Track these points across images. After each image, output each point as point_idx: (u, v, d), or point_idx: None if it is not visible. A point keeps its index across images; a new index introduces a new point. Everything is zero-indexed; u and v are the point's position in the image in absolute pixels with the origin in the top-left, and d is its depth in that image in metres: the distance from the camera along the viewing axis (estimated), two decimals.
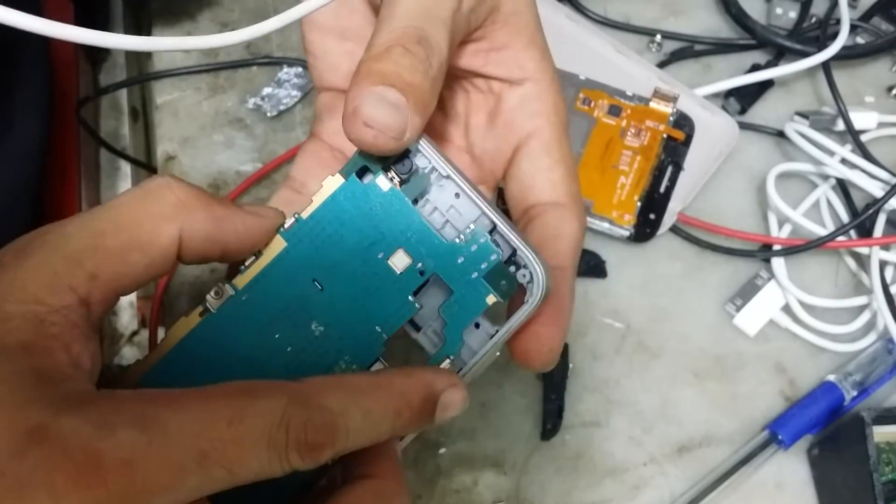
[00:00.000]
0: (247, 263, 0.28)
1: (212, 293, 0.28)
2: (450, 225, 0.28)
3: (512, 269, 0.27)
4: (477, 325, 0.28)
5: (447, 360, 0.28)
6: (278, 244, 0.28)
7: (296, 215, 0.28)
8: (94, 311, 0.25)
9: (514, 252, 0.27)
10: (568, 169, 0.32)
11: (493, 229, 0.27)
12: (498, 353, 0.28)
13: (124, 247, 0.25)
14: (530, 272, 0.27)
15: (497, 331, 0.28)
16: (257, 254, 0.28)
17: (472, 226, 0.27)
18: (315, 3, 0.28)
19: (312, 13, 0.28)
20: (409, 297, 0.28)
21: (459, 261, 0.27)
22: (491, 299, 0.27)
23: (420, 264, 0.27)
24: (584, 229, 0.32)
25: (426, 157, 0.28)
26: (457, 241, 0.27)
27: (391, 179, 0.28)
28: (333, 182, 0.28)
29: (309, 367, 0.28)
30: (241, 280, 0.28)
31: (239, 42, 0.27)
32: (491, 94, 0.33)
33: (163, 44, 0.26)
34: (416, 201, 0.28)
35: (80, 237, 0.25)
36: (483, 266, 0.27)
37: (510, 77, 0.33)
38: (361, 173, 0.28)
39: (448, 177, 0.27)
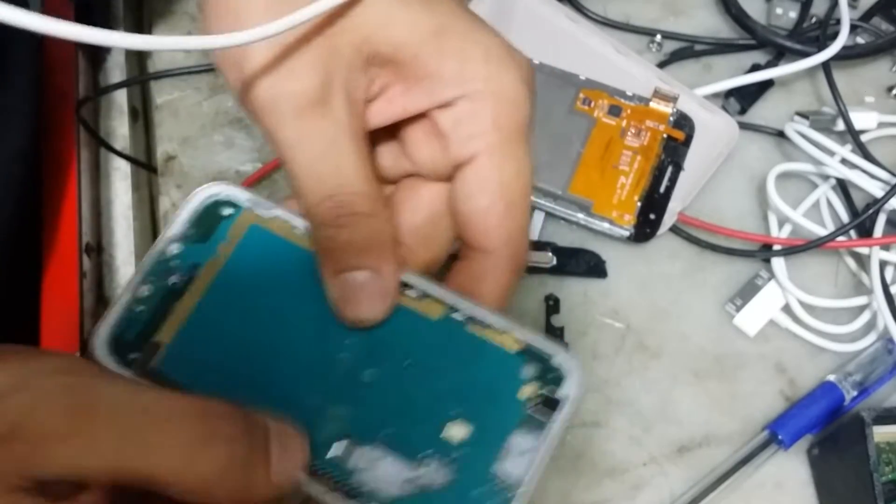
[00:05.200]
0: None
1: None
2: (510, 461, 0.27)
3: None
4: None
5: None
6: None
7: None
8: None
9: None
10: (507, 204, 0.29)
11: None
12: None
13: None
14: None
15: None
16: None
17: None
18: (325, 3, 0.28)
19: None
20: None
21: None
22: None
23: (468, 449, 0.27)
24: (518, 273, 0.30)
25: (564, 414, 0.27)
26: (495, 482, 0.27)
27: (537, 400, 0.27)
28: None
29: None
30: None
31: (242, 43, 0.27)
32: (427, 120, 0.30)
33: (162, 43, 0.26)
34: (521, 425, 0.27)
35: None
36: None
37: (438, 102, 0.29)
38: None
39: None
